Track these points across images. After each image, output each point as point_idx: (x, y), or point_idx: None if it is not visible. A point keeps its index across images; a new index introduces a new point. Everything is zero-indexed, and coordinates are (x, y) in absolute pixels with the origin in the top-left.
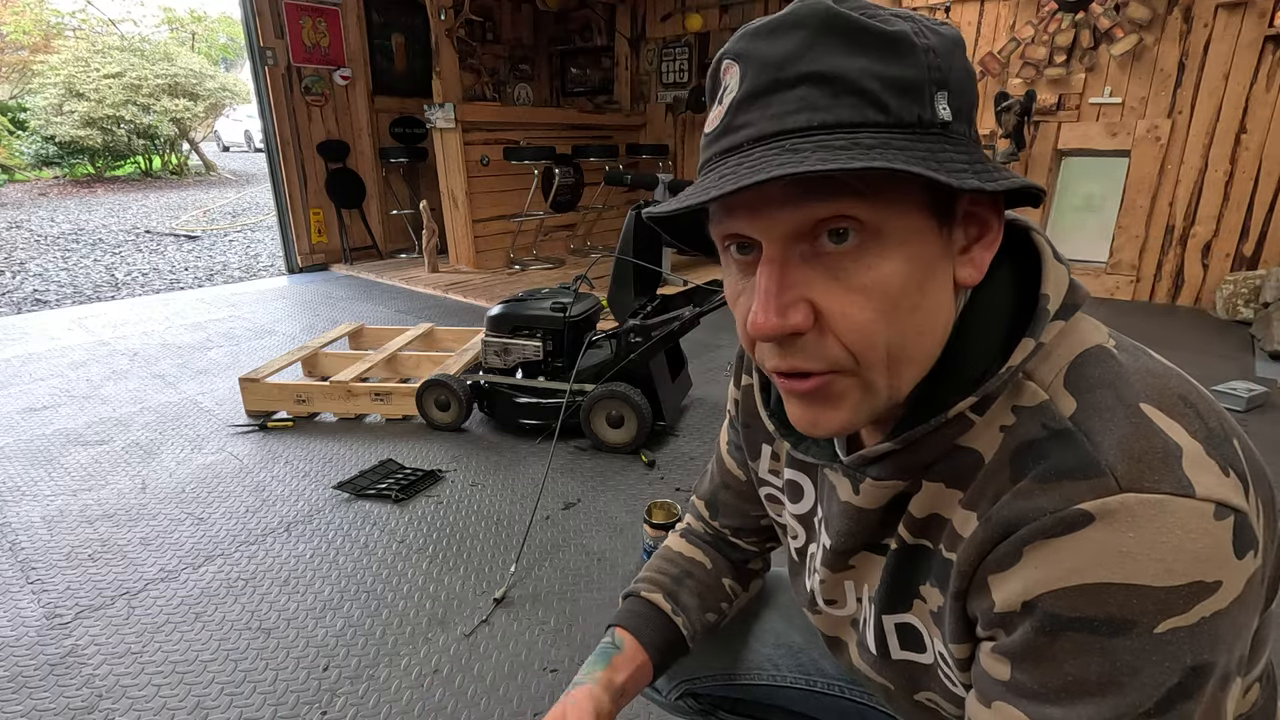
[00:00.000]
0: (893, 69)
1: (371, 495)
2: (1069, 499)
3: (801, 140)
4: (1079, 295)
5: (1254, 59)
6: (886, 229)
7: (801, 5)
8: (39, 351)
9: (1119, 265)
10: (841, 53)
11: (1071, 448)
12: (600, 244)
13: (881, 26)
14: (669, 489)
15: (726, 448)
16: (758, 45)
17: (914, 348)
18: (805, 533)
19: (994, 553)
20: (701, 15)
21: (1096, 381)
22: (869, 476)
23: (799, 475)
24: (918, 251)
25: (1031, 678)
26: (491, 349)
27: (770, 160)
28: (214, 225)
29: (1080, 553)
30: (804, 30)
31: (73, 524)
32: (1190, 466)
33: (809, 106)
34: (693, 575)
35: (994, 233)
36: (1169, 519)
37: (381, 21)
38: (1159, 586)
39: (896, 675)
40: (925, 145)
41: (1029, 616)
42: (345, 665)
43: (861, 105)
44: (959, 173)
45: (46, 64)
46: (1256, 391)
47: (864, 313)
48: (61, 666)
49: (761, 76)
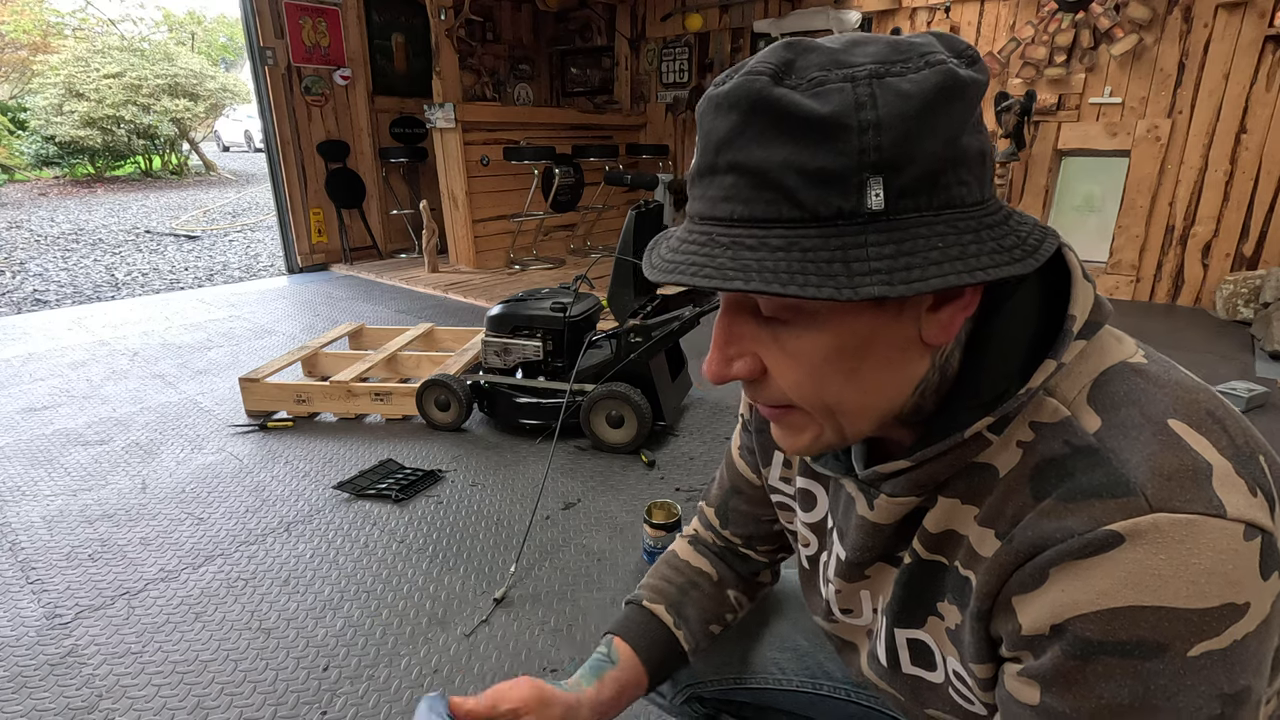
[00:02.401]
0: (816, 159)
1: (371, 495)
2: (1098, 520)
3: (724, 232)
4: (1103, 313)
5: (1254, 59)
6: (815, 311)
7: (740, 82)
8: (39, 351)
9: (1119, 265)
10: (767, 141)
11: (1099, 466)
12: (600, 244)
13: (811, 108)
14: (669, 489)
15: (738, 452)
16: (708, 117)
17: (855, 405)
18: (817, 541)
19: (1018, 574)
20: (701, 15)
21: (1122, 398)
22: (883, 492)
23: (812, 484)
24: (852, 327)
25: (1064, 702)
26: (491, 349)
27: (696, 251)
28: (214, 225)
29: (1110, 575)
30: (737, 113)
31: (73, 524)
32: (1220, 485)
33: (734, 197)
34: (698, 587)
35: (967, 298)
36: (1201, 540)
37: (381, 21)
38: (1191, 609)
39: (905, 689)
40: (840, 241)
41: (1059, 640)
42: (345, 665)
43: (778, 201)
44: (864, 274)
45: (46, 64)
46: (1256, 391)
47: (794, 374)
48: (61, 666)
49: (705, 155)
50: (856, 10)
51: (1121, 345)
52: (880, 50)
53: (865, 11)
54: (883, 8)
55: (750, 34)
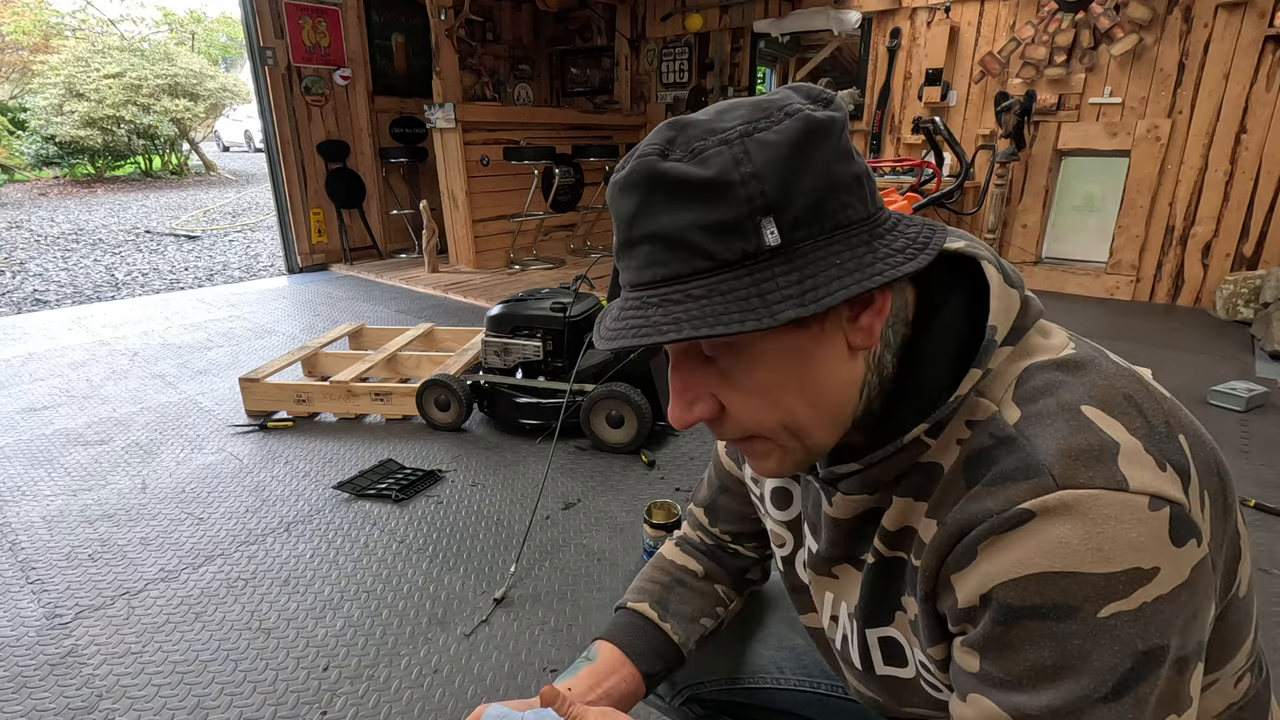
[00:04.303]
0: (713, 214)
1: (371, 495)
2: (1012, 499)
3: (651, 294)
4: (1030, 316)
5: (1254, 59)
6: (745, 345)
7: (635, 166)
8: (39, 351)
9: (1119, 265)
10: (667, 210)
11: (1015, 452)
12: (600, 244)
13: (698, 173)
14: (669, 489)
15: (725, 449)
16: (615, 200)
17: (810, 418)
18: (792, 539)
19: (953, 553)
20: (701, 15)
21: (1040, 391)
22: (840, 491)
23: (786, 481)
24: (788, 348)
25: (997, 666)
26: (491, 349)
27: (633, 315)
28: (214, 225)
29: (1024, 546)
30: (638, 191)
31: (73, 524)
32: (1126, 462)
33: (653, 263)
34: (684, 582)
35: (878, 303)
36: (1104, 511)
37: (381, 21)
38: (1097, 573)
39: (881, 690)
40: (752, 278)
41: (987, 609)
42: (345, 665)
43: (690, 257)
44: (779, 302)
45: (46, 64)
46: (1256, 391)
47: (749, 405)
48: (61, 666)
49: (620, 233)
50: (856, 10)
51: (1049, 340)
52: (746, 113)
53: (865, 11)
54: (883, 8)
55: (750, 34)
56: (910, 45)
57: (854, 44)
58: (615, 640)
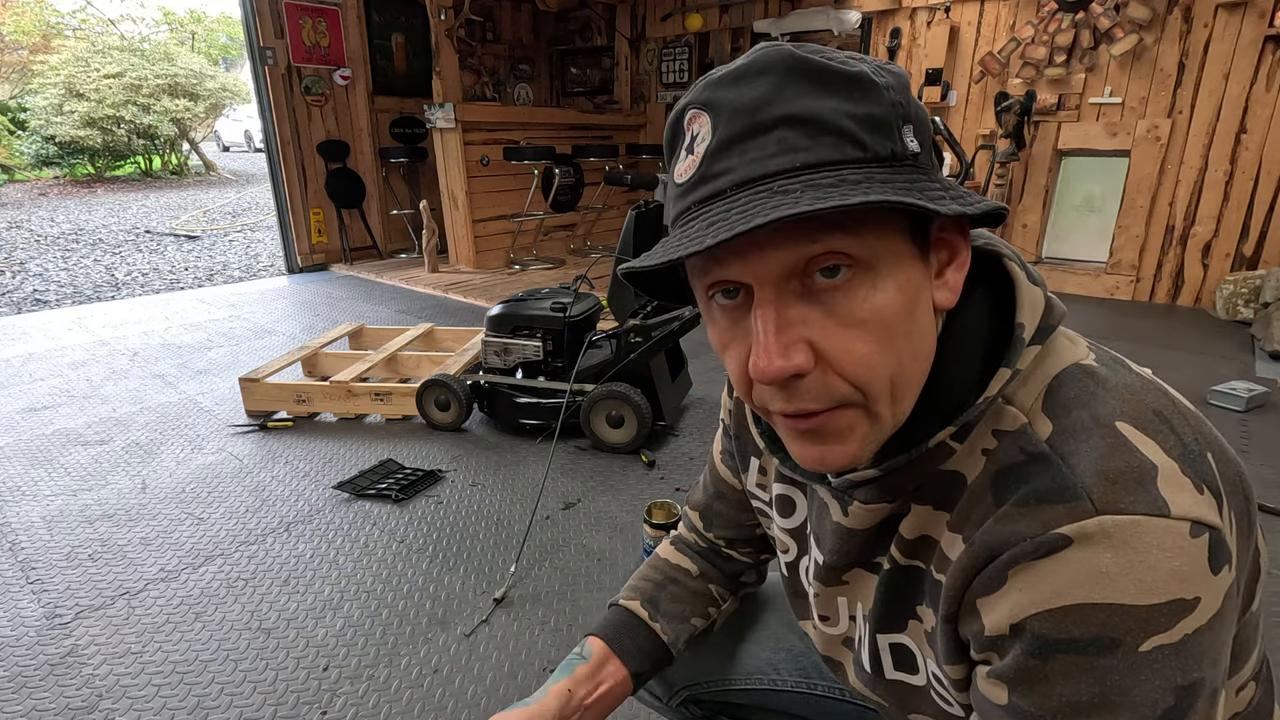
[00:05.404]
0: (862, 107)
1: (371, 495)
2: (1047, 524)
3: (789, 181)
4: (1055, 316)
5: (1254, 59)
6: (876, 260)
7: (762, 53)
8: (39, 351)
9: (1119, 265)
10: (811, 95)
11: (1049, 472)
12: (600, 244)
13: (843, 68)
14: (669, 489)
15: (720, 456)
16: (724, 93)
17: (911, 372)
18: (796, 546)
19: (980, 577)
20: (701, 15)
21: (1073, 402)
22: (856, 500)
23: (790, 490)
24: (905, 279)
25: (1028, 701)
26: (491, 349)
27: (761, 204)
28: (214, 225)
29: (1061, 575)
30: (771, 75)
31: (73, 524)
32: (1165, 485)
33: (789, 149)
34: (676, 581)
35: (963, 254)
36: (1146, 539)
37: (381, 21)
38: (1140, 605)
39: (889, 695)
40: (904, 177)
41: (1018, 639)
42: (345, 665)
43: (840, 143)
44: (938, 199)
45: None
46: (1256, 391)
47: (865, 345)
48: (61, 666)
49: (735, 123)
50: (856, 10)
51: (1075, 347)
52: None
53: (865, 11)
54: (883, 8)
55: (750, 34)
56: (910, 45)
57: (854, 44)
58: (605, 637)
